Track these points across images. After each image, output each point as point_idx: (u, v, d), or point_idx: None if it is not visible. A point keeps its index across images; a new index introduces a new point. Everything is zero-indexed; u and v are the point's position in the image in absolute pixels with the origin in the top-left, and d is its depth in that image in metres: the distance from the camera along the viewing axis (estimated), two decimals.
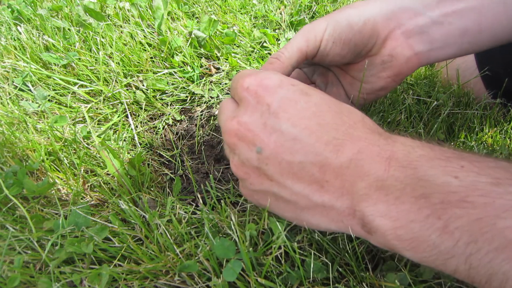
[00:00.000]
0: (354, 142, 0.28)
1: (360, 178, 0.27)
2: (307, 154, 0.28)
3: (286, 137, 0.28)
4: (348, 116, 0.30)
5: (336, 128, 0.28)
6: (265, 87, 0.30)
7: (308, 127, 0.28)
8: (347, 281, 0.37)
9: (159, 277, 0.37)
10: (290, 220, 0.33)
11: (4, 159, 0.51)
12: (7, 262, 0.38)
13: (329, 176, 0.28)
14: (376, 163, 0.27)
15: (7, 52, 0.75)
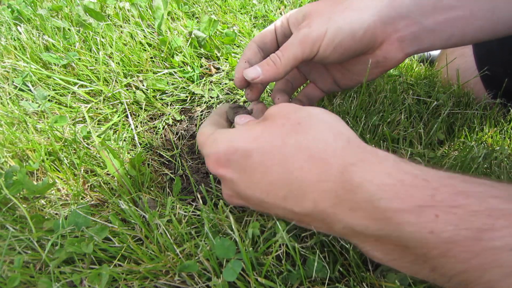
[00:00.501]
0: (309, 193, 0.28)
1: (332, 223, 0.28)
2: (276, 209, 0.31)
3: (255, 201, 0.32)
4: (293, 161, 0.29)
5: (286, 183, 0.29)
6: (219, 166, 0.33)
7: (263, 189, 0.31)
8: (347, 281, 0.36)
9: (159, 277, 0.37)
10: (284, 218, 0.35)
11: (4, 159, 0.51)
12: (7, 262, 0.38)
13: (306, 219, 0.30)
14: (339, 213, 0.27)
15: (7, 52, 0.75)
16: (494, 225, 0.21)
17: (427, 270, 0.25)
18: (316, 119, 0.31)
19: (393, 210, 0.24)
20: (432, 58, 0.95)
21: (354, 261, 0.35)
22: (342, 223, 0.27)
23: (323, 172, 0.28)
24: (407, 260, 0.25)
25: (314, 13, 0.39)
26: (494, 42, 0.67)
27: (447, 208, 0.23)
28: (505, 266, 0.21)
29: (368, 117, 0.56)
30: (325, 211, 0.28)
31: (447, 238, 0.22)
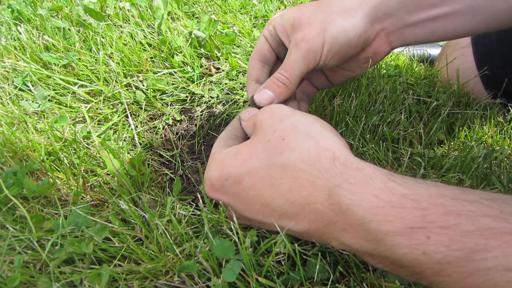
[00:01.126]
0: (301, 214, 0.29)
1: (328, 240, 0.29)
2: (272, 227, 0.32)
3: (255, 221, 0.34)
4: (281, 184, 0.30)
5: (279, 205, 0.30)
6: (215, 192, 0.35)
7: (259, 211, 0.31)
8: (347, 281, 0.37)
9: (159, 277, 0.37)
10: None
11: (4, 159, 0.51)
12: (7, 262, 0.38)
13: (304, 236, 0.31)
14: (333, 232, 0.28)
15: (7, 52, 0.75)
16: (486, 245, 0.21)
17: (425, 283, 0.25)
18: (300, 134, 0.31)
19: (384, 232, 0.24)
20: (432, 58, 0.95)
21: (354, 262, 0.36)
22: (337, 240, 0.28)
23: (311, 194, 0.28)
24: (405, 274, 0.26)
25: (305, 23, 0.40)
26: (494, 42, 0.67)
27: (438, 229, 0.23)
28: (500, 286, 0.21)
29: (368, 117, 0.56)
30: (319, 231, 0.29)
31: (440, 259, 0.22)
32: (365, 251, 0.27)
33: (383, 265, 0.27)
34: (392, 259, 0.25)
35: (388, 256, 0.25)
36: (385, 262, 0.27)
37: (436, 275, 0.23)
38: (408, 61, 0.84)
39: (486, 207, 0.23)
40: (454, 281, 0.22)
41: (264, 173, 0.30)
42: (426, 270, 0.24)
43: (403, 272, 0.26)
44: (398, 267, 0.26)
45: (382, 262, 0.27)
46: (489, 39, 0.68)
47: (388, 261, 0.26)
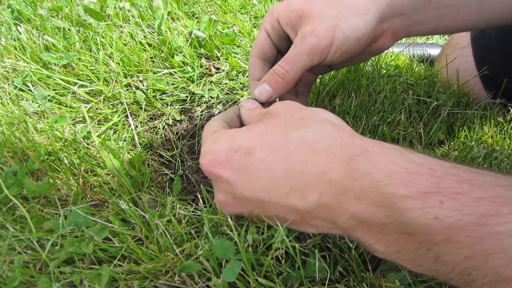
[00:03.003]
0: (313, 186, 0.28)
1: (337, 215, 0.28)
2: (277, 208, 0.30)
3: (254, 202, 0.31)
4: (297, 155, 0.29)
5: (290, 178, 0.29)
6: (216, 166, 0.32)
7: (264, 188, 0.30)
8: (347, 281, 0.36)
9: (159, 277, 0.37)
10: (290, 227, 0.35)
11: (4, 159, 0.51)
12: (7, 262, 0.38)
13: (308, 217, 0.30)
14: (344, 203, 0.27)
15: (7, 52, 0.75)
16: (498, 211, 0.22)
17: (430, 260, 0.24)
18: (318, 117, 0.32)
19: (399, 196, 0.24)
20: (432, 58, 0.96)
21: (354, 261, 0.35)
22: (347, 213, 0.27)
23: (328, 163, 0.28)
24: (411, 250, 0.25)
25: (315, 16, 0.38)
26: (493, 42, 0.67)
27: (452, 195, 0.23)
28: (509, 252, 0.21)
29: (368, 117, 0.56)
30: (329, 203, 0.28)
31: (451, 224, 0.23)
32: (374, 221, 0.26)
33: (388, 245, 0.26)
34: (402, 228, 0.25)
35: (399, 223, 0.25)
36: (393, 236, 0.26)
37: (446, 241, 0.23)
38: (408, 61, 0.84)
39: (499, 179, 0.24)
40: (463, 247, 0.22)
41: (278, 145, 0.30)
42: (436, 237, 0.23)
43: (409, 248, 0.25)
44: (405, 241, 0.25)
45: (389, 237, 0.26)
46: (488, 39, 0.68)
47: (396, 233, 0.25)
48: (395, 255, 0.27)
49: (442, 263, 0.24)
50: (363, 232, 0.28)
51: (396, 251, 0.26)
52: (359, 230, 0.28)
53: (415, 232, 0.24)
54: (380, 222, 0.26)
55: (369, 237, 0.27)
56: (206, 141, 0.35)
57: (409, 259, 0.26)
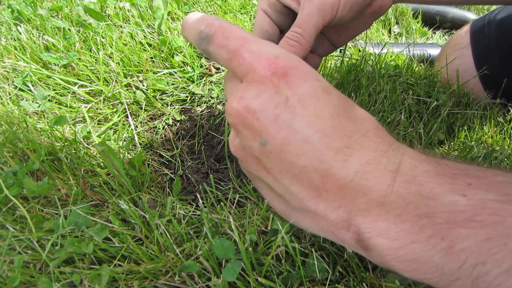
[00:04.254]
0: (363, 152, 0.26)
1: (363, 192, 0.25)
2: (313, 159, 0.25)
3: (296, 137, 0.25)
4: (362, 122, 0.27)
5: (349, 135, 0.26)
6: (290, 78, 0.26)
7: (322, 130, 0.25)
8: (347, 281, 0.37)
9: (159, 277, 0.37)
10: (279, 212, 0.31)
11: (4, 159, 0.51)
12: (7, 262, 0.38)
13: (330, 186, 0.26)
14: (381, 177, 0.25)
15: (7, 52, 0.75)
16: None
17: (440, 255, 0.23)
18: None
19: (432, 173, 0.25)
20: (432, 58, 0.96)
21: (353, 261, 0.36)
22: (374, 192, 0.25)
23: (383, 143, 0.27)
24: (421, 241, 0.24)
25: None
26: (493, 43, 0.67)
27: (478, 178, 0.24)
28: None
29: None
30: (368, 173, 0.25)
31: (477, 201, 0.22)
32: (398, 203, 0.25)
33: (402, 232, 0.24)
34: (425, 206, 0.23)
35: (424, 204, 0.23)
36: (409, 222, 0.24)
37: (468, 221, 0.22)
38: (408, 61, 0.84)
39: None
40: (484, 228, 0.22)
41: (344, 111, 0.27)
42: (460, 215, 0.22)
43: (424, 232, 0.23)
44: (425, 221, 0.24)
45: (406, 221, 0.24)
46: (488, 39, 0.69)
47: (417, 214, 0.24)
48: (396, 251, 0.25)
49: (453, 255, 0.23)
50: (373, 218, 0.25)
51: (400, 246, 0.24)
52: (371, 215, 0.25)
53: (438, 210, 0.23)
54: (402, 205, 0.24)
55: (377, 225, 0.25)
56: (248, 42, 0.27)
57: (413, 257, 0.24)
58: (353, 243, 0.27)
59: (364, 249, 0.26)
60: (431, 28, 1.18)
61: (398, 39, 1.13)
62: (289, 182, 0.27)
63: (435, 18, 1.18)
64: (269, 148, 0.26)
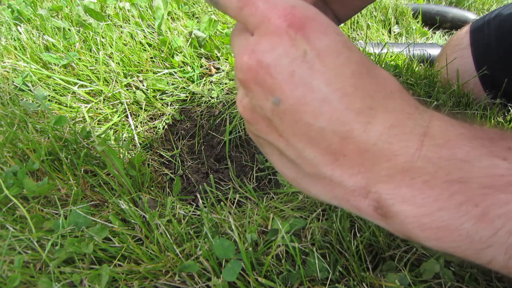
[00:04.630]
0: (388, 114, 0.24)
1: (386, 157, 0.23)
2: (332, 120, 0.23)
3: (314, 96, 0.23)
4: (385, 83, 0.25)
5: (372, 95, 0.24)
6: (308, 30, 0.23)
7: (343, 89, 0.23)
8: (347, 281, 0.37)
9: (159, 277, 0.37)
10: (288, 180, 0.29)
11: (4, 159, 0.51)
12: (7, 262, 0.38)
13: (349, 150, 0.24)
14: (408, 141, 0.23)
15: (7, 52, 0.75)
16: None
17: (471, 222, 0.21)
18: None
19: (467, 137, 0.23)
20: (432, 58, 0.96)
21: (354, 261, 0.36)
22: (399, 157, 0.23)
23: (408, 105, 0.26)
24: (451, 208, 0.22)
25: None
26: (492, 43, 0.67)
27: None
28: None
29: None
30: (393, 136, 0.24)
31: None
32: (427, 169, 0.23)
33: (429, 199, 0.23)
34: (459, 170, 0.22)
35: (456, 161, 0.22)
36: (438, 187, 0.23)
37: (508, 185, 0.21)
38: (408, 61, 0.84)
39: None
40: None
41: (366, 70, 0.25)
42: (499, 180, 0.21)
43: (455, 199, 0.22)
44: (458, 187, 0.22)
45: (435, 187, 0.23)
46: (488, 40, 0.69)
47: (447, 180, 0.22)
48: (421, 218, 0.23)
49: (487, 222, 0.21)
50: (397, 184, 0.23)
51: (426, 213, 0.22)
52: (394, 182, 0.23)
53: (474, 175, 0.21)
54: (430, 171, 0.22)
55: (400, 192, 0.23)
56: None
57: (440, 224, 0.22)
58: (370, 211, 0.25)
59: (383, 217, 0.24)
60: (431, 28, 1.19)
61: (398, 39, 1.13)
62: (304, 146, 0.25)
63: (435, 18, 1.18)
64: (283, 108, 0.24)
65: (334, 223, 0.39)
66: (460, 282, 0.36)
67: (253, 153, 0.63)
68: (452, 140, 0.23)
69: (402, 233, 0.24)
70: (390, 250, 0.38)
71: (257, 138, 0.29)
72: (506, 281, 0.37)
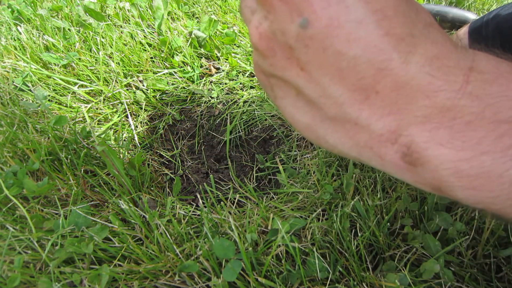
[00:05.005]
0: (431, 44, 0.21)
1: (425, 94, 0.21)
2: (368, 47, 0.20)
3: (349, 16, 0.20)
4: (424, 12, 0.22)
5: (413, 22, 0.21)
6: None
7: (382, 10, 0.20)
8: (347, 281, 0.37)
9: (159, 277, 0.37)
10: (300, 128, 0.25)
11: (4, 159, 0.51)
12: (7, 262, 0.38)
13: (384, 85, 0.21)
14: (452, 75, 0.20)
15: (7, 52, 0.75)
16: None
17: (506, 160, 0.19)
18: None
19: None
20: None
21: (354, 261, 0.36)
22: (441, 93, 0.21)
23: (448, 39, 0.22)
24: (496, 151, 0.20)
25: None
26: (490, 44, 0.67)
27: None
28: None
29: None
30: (437, 70, 0.21)
31: None
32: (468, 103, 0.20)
33: (471, 142, 0.20)
34: (510, 106, 0.20)
35: (508, 98, 0.20)
36: (483, 128, 0.20)
37: None
38: None
39: None
40: None
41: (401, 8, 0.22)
42: None
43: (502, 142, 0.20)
44: (506, 127, 0.20)
45: (479, 128, 0.20)
46: (486, 41, 0.69)
47: (495, 120, 0.20)
48: (459, 164, 0.21)
49: None
50: (434, 126, 0.21)
51: (466, 157, 0.20)
52: (431, 123, 0.21)
53: (503, 119, 0.19)
54: (476, 110, 0.20)
55: (438, 134, 0.21)
56: None
57: (480, 171, 0.20)
58: (396, 159, 0.22)
59: (412, 166, 0.22)
60: None
61: None
62: (330, 81, 0.22)
63: (435, 18, 1.18)
64: (311, 32, 0.20)
65: (334, 223, 0.39)
66: (460, 282, 0.36)
67: (253, 153, 0.63)
68: (504, 75, 0.20)
69: (431, 184, 0.22)
70: (390, 250, 0.38)
71: (269, 77, 0.25)
72: (506, 281, 0.37)
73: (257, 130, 0.63)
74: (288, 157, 0.57)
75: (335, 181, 0.46)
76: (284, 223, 0.36)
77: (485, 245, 0.38)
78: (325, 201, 0.43)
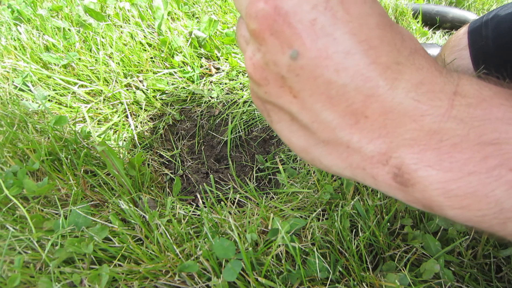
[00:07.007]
0: (416, 70, 0.22)
1: (412, 118, 0.22)
2: (356, 76, 0.21)
3: (336, 48, 0.21)
4: (408, 40, 0.23)
5: (398, 50, 0.22)
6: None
7: (368, 40, 0.21)
8: (347, 280, 0.37)
9: (159, 277, 0.37)
10: (297, 150, 0.27)
11: (4, 159, 0.51)
12: (7, 262, 0.38)
13: (372, 110, 0.22)
14: (437, 100, 0.21)
15: (7, 52, 0.75)
16: None
17: (502, 188, 0.20)
18: None
19: (503, 95, 0.21)
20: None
21: (354, 261, 0.36)
22: (427, 117, 0.22)
23: (434, 64, 0.24)
24: (481, 173, 0.21)
25: None
26: (490, 44, 0.67)
27: None
28: None
29: None
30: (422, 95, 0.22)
31: None
32: (454, 126, 0.22)
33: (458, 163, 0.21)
34: (493, 128, 0.21)
35: (491, 121, 0.21)
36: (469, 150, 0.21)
37: None
38: None
39: None
40: None
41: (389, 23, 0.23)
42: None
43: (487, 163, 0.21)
44: (492, 149, 0.21)
45: (464, 150, 0.21)
46: (485, 41, 0.69)
47: (481, 142, 0.21)
48: (447, 184, 0.21)
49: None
50: (422, 148, 0.22)
51: (453, 178, 0.21)
52: (419, 145, 0.22)
53: (510, 137, 0.20)
54: (461, 133, 0.21)
55: (426, 156, 0.22)
56: None
57: (467, 191, 0.21)
58: (388, 180, 0.23)
59: (403, 186, 0.23)
60: (431, 28, 1.19)
61: None
62: (321, 107, 0.23)
63: (435, 18, 1.18)
64: (301, 63, 0.22)
65: (335, 222, 0.39)
66: (460, 282, 0.36)
67: (253, 153, 0.63)
68: (487, 100, 0.21)
69: (422, 203, 0.23)
70: (390, 250, 0.38)
71: (264, 103, 0.26)
72: (506, 281, 0.37)
73: (257, 130, 0.63)
74: (288, 157, 0.57)
75: (335, 181, 0.46)
76: (284, 223, 0.36)
77: (485, 245, 0.38)
78: (325, 201, 0.43)
